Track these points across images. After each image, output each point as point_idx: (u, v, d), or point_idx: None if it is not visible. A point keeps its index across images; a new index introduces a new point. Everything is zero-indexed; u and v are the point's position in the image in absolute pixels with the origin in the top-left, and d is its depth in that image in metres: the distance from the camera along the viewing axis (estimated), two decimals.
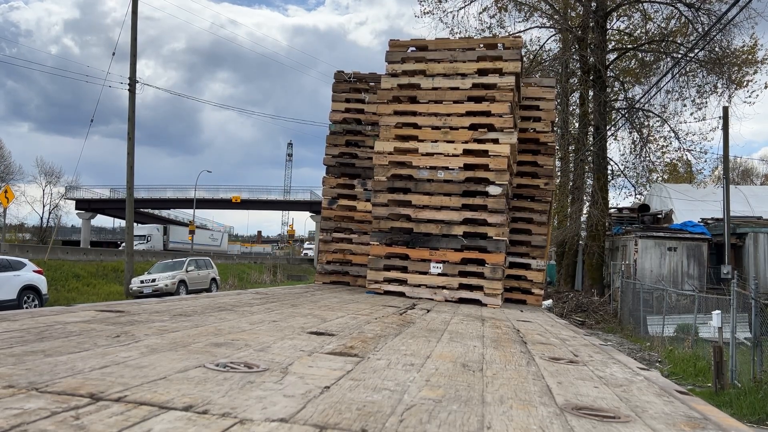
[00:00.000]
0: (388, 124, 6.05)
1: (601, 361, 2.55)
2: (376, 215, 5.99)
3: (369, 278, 5.88)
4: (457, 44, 6.16)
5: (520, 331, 3.49)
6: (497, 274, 5.50)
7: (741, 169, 48.92)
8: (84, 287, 21.58)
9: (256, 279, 31.86)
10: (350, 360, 2.01)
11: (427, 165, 5.85)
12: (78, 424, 1.11)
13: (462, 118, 5.84)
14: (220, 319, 2.86)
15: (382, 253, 5.88)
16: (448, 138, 5.83)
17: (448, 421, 1.35)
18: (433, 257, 5.70)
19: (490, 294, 5.46)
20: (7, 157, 46.00)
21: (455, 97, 5.91)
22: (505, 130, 5.70)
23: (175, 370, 1.63)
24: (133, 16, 21.86)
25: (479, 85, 5.88)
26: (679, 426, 1.49)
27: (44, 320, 2.43)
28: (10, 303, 13.66)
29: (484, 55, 5.95)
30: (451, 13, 21.67)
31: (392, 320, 3.45)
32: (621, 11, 21.89)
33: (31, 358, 1.66)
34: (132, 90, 21.69)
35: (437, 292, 5.59)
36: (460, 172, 5.74)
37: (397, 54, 6.22)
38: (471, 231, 5.67)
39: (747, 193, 25.05)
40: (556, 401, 1.65)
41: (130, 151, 21.64)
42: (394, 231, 5.91)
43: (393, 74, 6.18)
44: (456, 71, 5.98)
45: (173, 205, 59.91)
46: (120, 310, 2.89)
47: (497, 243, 5.57)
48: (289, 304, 3.90)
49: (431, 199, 5.80)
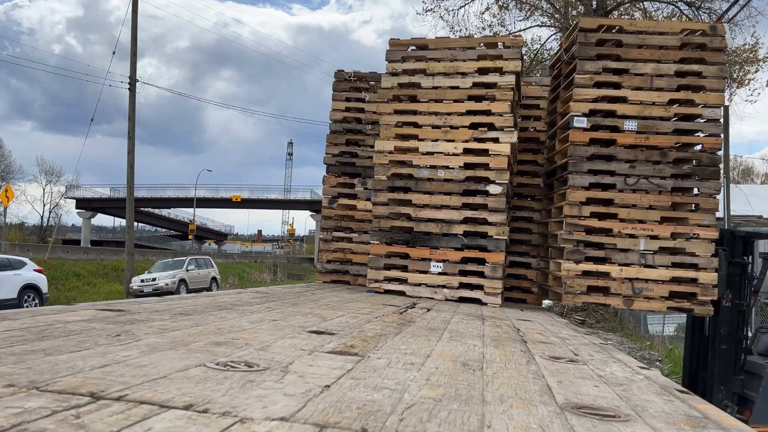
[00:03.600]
0: (389, 123, 6.05)
1: (601, 360, 2.55)
2: (376, 214, 5.99)
3: (369, 277, 5.89)
4: (458, 43, 6.16)
5: (520, 330, 3.49)
6: (498, 273, 5.51)
7: (741, 168, 48.94)
8: (84, 286, 21.60)
9: (257, 278, 31.88)
10: (350, 359, 2.01)
11: (427, 164, 5.84)
12: (78, 423, 1.11)
13: (462, 117, 5.84)
14: (220, 318, 2.86)
15: (383, 252, 5.89)
16: (449, 137, 5.83)
17: (449, 420, 1.35)
18: (434, 256, 5.71)
19: (491, 293, 5.46)
20: (7, 156, 46.05)
21: (455, 96, 5.91)
22: (506, 129, 5.70)
23: (176, 369, 1.63)
24: (133, 15, 21.87)
25: (479, 84, 5.88)
26: (679, 425, 1.49)
27: (45, 319, 2.43)
28: (10, 302, 13.67)
29: (485, 54, 5.95)
30: (452, 12, 21.72)
31: (392, 319, 3.45)
32: (622, 10, 21.89)
33: (31, 357, 1.66)
34: (132, 89, 21.70)
35: (437, 291, 5.60)
36: (460, 171, 5.74)
37: (398, 53, 6.22)
38: (471, 230, 5.67)
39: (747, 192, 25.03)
40: (557, 400, 1.65)
41: (130, 150, 21.66)
42: (394, 230, 5.91)
43: (393, 73, 6.18)
44: (456, 70, 5.97)
45: (174, 204, 59.93)
46: (120, 309, 2.89)
47: (497, 242, 5.58)
48: (289, 303, 3.90)
49: (431, 198, 5.80)
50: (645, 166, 5.38)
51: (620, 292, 5.23)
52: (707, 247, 5.21)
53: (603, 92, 5.53)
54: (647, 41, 5.56)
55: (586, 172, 5.46)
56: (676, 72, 5.47)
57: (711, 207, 5.26)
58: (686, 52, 5.53)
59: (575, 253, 5.36)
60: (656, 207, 5.34)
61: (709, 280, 5.16)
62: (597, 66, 5.57)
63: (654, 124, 5.42)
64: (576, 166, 5.47)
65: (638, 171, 5.38)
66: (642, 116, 5.44)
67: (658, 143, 5.40)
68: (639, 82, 5.48)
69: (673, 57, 5.51)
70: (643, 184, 5.37)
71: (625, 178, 5.39)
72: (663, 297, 5.20)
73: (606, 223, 5.35)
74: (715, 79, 5.44)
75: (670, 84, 5.44)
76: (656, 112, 5.43)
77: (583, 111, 5.51)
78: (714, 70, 5.45)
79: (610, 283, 5.26)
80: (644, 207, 5.34)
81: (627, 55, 5.54)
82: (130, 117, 21.70)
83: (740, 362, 5.81)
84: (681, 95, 5.44)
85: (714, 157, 5.39)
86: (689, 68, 5.47)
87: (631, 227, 5.31)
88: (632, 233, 5.29)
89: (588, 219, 5.39)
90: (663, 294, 5.19)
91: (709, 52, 5.49)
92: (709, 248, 5.21)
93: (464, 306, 5.10)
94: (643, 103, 5.45)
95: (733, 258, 5.67)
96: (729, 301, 5.64)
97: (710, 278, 5.16)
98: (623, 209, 5.36)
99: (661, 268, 5.22)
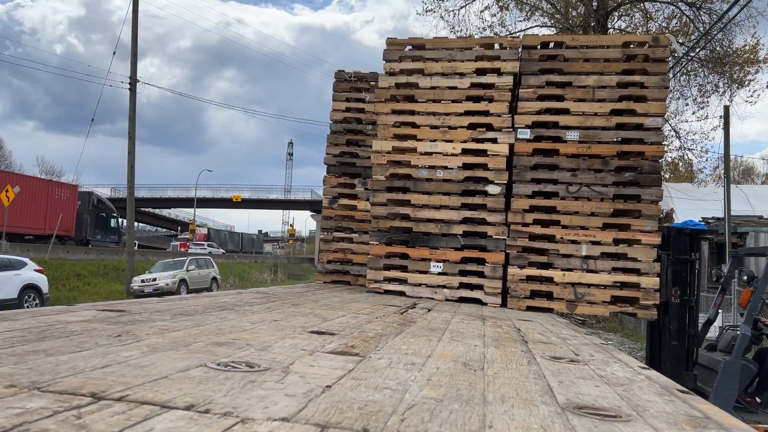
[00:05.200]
0: (386, 123, 6.06)
1: (602, 360, 2.55)
2: (374, 214, 5.99)
3: (369, 278, 5.89)
4: (455, 43, 6.17)
5: (521, 331, 3.49)
6: (498, 273, 5.52)
7: (742, 168, 48.93)
8: (85, 286, 21.60)
9: (257, 278, 31.87)
10: (351, 359, 2.01)
11: (425, 164, 5.85)
12: (80, 423, 1.12)
13: (460, 117, 5.85)
14: (221, 318, 2.86)
15: (382, 253, 5.89)
16: (447, 137, 5.84)
17: (450, 420, 1.35)
18: (433, 256, 5.71)
19: (491, 293, 5.47)
20: (8, 156, 46.07)
21: (453, 96, 5.92)
22: (504, 129, 5.73)
23: (177, 369, 1.63)
24: (133, 15, 21.88)
25: (477, 84, 5.89)
26: (681, 425, 1.49)
27: (45, 320, 2.43)
28: (11, 302, 13.67)
29: (482, 55, 5.96)
30: (453, 12, 21.70)
31: (393, 319, 3.45)
32: (622, 11, 21.89)
33: (32, 358, 1.66)
34: (132, 89, 21.71)
35: (437, 291, 5.60)
36: (459, 172, 5.75)
37: (395, 53, 6.22)
38: (471, 230, 5.68)
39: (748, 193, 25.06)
40: (558, 400, 1.65)
41: (130, 150, 21.67)
42: (393, 230, 5.91)
43: (391, 73, 6.18)
44: (454, 70, 5.99)
45: (174, 205, 59.99)
46: (121, 310, 2.89)
47: (497, 242, 5.59)
48: (290, 304, 3.90)
49: (430, 198, 5.81)
50: (587, 174, 5.51)
51: (563, 297, 5.34)
52: (649, 253, 5.30)
53: (546, 104, 5.69)
54: (591, 54, 5.73)
55: (529, 181, 5.61)
56: (618, 83, 5.61)
57: (653, 213, 5.36)
58: (629, 64, 5.67)
59: (519, 259, 5.51)
60: (598, 214, 5.45)
61: (651, 284, 5.24)
62: (540, 80, 5.74)
63: (596, 133, 5.55)
64: (520, 175, 5.62)
65: (580, 179, 5.50)
66: (584, 126, 5.57)
67: (600, 152, 5.51)
68: (581, 94, 5.63)
69: (616, 69, 5.67)
70: (585, 192, 5.50)
71: (567, 186, 5.52)
72: (605, 302, 5.28)
73: (549, 230, 5.49)
74: (656, 89, 5.56)
75: (612, 95, 5.58)
76: (598, 122, 5.56)
77: (527, 123, 5.67)
78: (656, 80, 5.57)
79: (553, 287, 5.37)
80: (586, 214, 5.46)
81: (570, 69, 5.72)
82: (131, 117, 21.71)
83: (692, 357, 5.93)
84: (623, 105, 5.56)
85: (655, 165, 5.49)
86: (631, 79, 5.61)
87: (573, 233, 5.44)
88: (575, 239, 5.41)
89: (531, 226, 5.53)
90: (605, 299, 5.28)
91: (652, 63, 5.61)
92: (651, 253, 5.30)
93: (465, 306, 5.10)
94: (585, 114, 5.58)
95: (680, 255, 5.79)
96: (677, 297, 5.77)
97: (652, 283, 5.25)
98: (566, 216, 5.48)
99: (603, 273, 5.33)
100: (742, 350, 5.53)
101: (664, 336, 5.87)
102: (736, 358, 5.45)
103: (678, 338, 5.82)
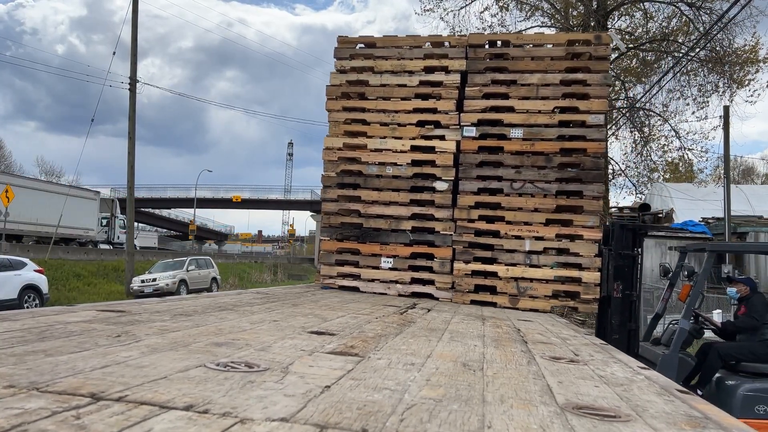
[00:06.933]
0: (337, 120, 6.12)
1: (601, 360, 2.55)
2: (326, 210, 6.07)
3: (322, 273, 5.98)
4: (405, 42, 6.21)
5: (520, 331, 3.49)
6: (446, 268, 5.58)
7: (741, 169, 48.94)
8: (85, 287, 21.59)
9: (257, 278, 31.88)
10: (351, 359, 2.01)
11: (375, 161, 5.91)
12: (79, 423, 1.12)
13: (409, 114, 5.91)
14: (220, 318, 2.86)
15: (333, 248, 5.95)
16: (396, 134, 5.90)
17: (449, 420, 1.35)
18: (384, 252, 5.78)
19: (442, 288, 5.54)
20: (7, 156, 46.07)
21: (403, 93, 5.98)
22: (451, 126, 5.79)
23: (176, 369, 1.63)
24: (133, 15, 21.88)
25: (426, 82, 5.95)
26: (680, 425, 1.49)
27: (45, 320, 2.43)
28: (10, 302, 13.67)
29: (431, 53, 6.01)
30: (452, 12, 21.66)
31: (393, 320, 3.45)
32: (622, 10, 21.88)
33: (31, 358, 1.66)
34: (132, 89, 21.71)
35: (390, 286, 5.67)
36: (407, 168, 5.82)
37: (346, 51, 6.26)
38: (419, 226, 5.76)
39: (748, 193, 25.07)
40: (557, 400, 1.65)
41: (130, 150, 21.67)
42: (345, 226, 5.97)
43: (341, 70, 6.22)
44: (403, 68, 6.04)
45: (174, 205, 59.99)
46: (121, 310, 2.89)
47: (444, 237, 5.67)
48: (289, 304, 3.90)
49: (380, 194, 5.86)
50: (531, 171, 5.57)
51: (506, 291, 5.40)
52: (591, 248, 5.35)
53: (491, 103, 5.74)
54: (536, 53, 5.77)
55: (474, 177, 5.66)
56: (562, 81, 5.65)
57: (595, 209, 5.41)
58: (572, 62, 5.73)
59: (464, 254, 5.56)
60: (541, 210, 5.50)
61: (592, 279, 5.30)
62: (486, 78, 5.79)
63: (539, 131, 5.60)
64: (466, 172, 5.68)
65: (524, 176, 5.56)
66: (528, 124, 5.62)
67: (543, 149, 5.56)
68: (525, 92, 5.68)
69: (559, 67, 5.72)
70: (528, 188, 5.56)
71: (512, 183, 5.58)
72: (547, 296, 5.33)
73: (494, 226, 5.54)
74: (598, 87, 5.60)
75: (555, 93, 5.63)
76: (541, 120, 5.60)
77: (473, 121, 5.72)
78: (598, 78, 5.62)
79: (497, 282, 5.43)
80: (530, 210, 5.52)
81: (515, 67, 5.77)
82: (131, 117, 21.71)
83: (634, 351, 5.96)
84: (565, 103, 5.61)
85: (597, 162, 5.53)
86: (574, 77, 5.66)
87: (517, 229, 5.49)
88: (518, 235, 5.47)
89: (477, 222, 5.57)
90: (547, 293, 5.33)
91: (594, 61, 5.66)
92: (592, 248, 5.35)
93: (464, 306, 5.11)
94: (529, 111, 5.63)
95: (622, 250, 5.82)
96: (619, 292, 5.81)
97: (593, 277, 5.30)
98: (510, 212, 5.54)
99: (545, 268, 5.38)
100: (680, 344, 5.56)
101: (607, 330, 5.92)
102: (674, 352, 5.50)
103: (619, 332, 5.88)
